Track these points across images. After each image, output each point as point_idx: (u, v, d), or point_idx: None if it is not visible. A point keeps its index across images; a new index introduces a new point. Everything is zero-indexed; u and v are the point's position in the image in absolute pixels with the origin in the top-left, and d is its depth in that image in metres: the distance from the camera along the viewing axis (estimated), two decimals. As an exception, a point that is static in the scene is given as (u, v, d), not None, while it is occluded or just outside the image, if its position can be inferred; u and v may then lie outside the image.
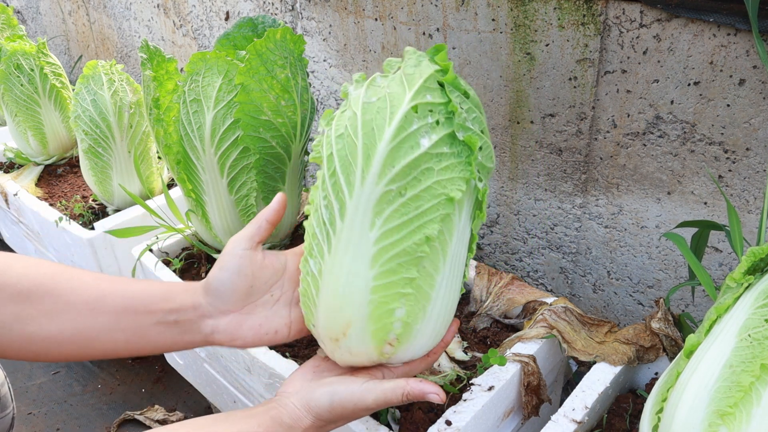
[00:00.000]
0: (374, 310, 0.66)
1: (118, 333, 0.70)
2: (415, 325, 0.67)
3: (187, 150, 1.04)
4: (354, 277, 0.65)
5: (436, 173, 0.62)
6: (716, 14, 0.91)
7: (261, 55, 0.96)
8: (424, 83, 0.63)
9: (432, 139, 0.62)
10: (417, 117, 0.62)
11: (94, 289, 0.70)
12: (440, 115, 0.63)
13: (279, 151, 1.04)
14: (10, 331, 0.68)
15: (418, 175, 0.62)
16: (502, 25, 1.16)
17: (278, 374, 0.91)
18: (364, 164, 0.62)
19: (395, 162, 0.61)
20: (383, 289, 0.65)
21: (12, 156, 1.83)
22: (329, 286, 0.67)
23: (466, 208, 0.67)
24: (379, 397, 0.67)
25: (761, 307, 0.63)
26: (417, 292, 0.66)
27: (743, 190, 1.01)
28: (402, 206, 0.63)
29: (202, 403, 1.54)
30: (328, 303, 0.67)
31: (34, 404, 1.58)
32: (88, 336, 0.70)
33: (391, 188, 0.62)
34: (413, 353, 0.71)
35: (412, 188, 0.62)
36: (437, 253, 0.66)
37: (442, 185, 0.63)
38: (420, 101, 0.62)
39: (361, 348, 0.68)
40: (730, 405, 0.58)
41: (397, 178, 0.62)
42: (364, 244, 0.64)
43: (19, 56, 1.62)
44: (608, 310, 1.30)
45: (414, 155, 0.61)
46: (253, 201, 1.06)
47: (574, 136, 1.17)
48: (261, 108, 0.98)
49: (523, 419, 0.93)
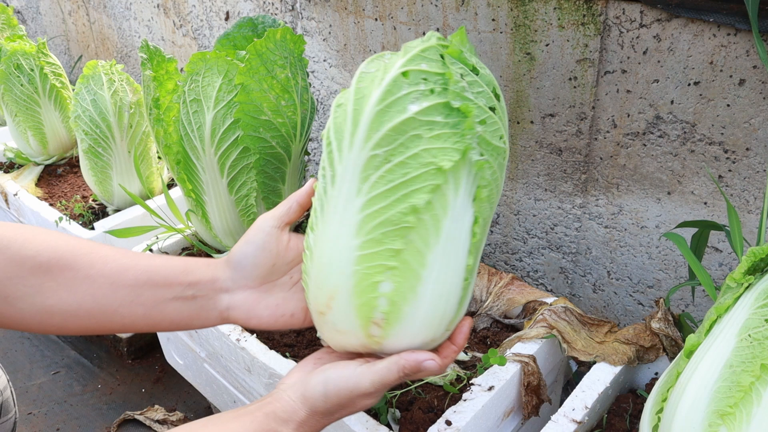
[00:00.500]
0: (358, 282, 0.63)
1: (138, 307, 0.70)
2: (403, 306, 0.63)
3: (187, 150, 1.04)
4: (339, 245, 0.63)
5: (426, 141, 0.60)
6: (716, 14, 0.91)
7: (261, 55, 0.96)
8: (420, 52, 0.60)
9: (422, 105, 0.59)
10: (407, 83, 0.59)
11: (114, 263, 0.70)
12: (436, 85, 0.60)
13: (279, 151, 1.04)
14: (31, 304, 0.68)
15: (405, 141, 0.60)
16: (502, 25, 1.16)
17: (278, 374, 0.91)
18: (352, 129, 0.61)
19: (381, 126, 0.59)
20: (367, 260, 0.62)
21: (12, 156, 1.83)
22: (317, 255, 0.65)
23: (464, 185, 0.63)
24: (375, 378, 0.63)
25: (761, 307, 0.63)
26: (404, 268, 0.62)
27: (743, 190, 1.01)
28: (388, 172, 0.60)
29: (202, 403, 1.54)
30: (316, 273, 0.66)
31: (34, 404, 1.58)
32: (108, 309, 0.70)
33: (377, 153, 0.60)
34: (406, 341, 0.66)
35: (398, 154, 0.60)
36: (426, 227, 0.62)
37: (432, 154, 0.60)
38: (412, 68, 0.60)
39: (347, 324, 0.65)
40: (731, 405, 0.58)
41: (383, 142, 0.60)
42: (350, 211, 0.62)
43: (19, 56, 1.62)
44: (608, 310, 1.30)
45: (400, 119, 0.59)
46: (253, 201, 1.06)
47: (574, 136, 1.17)
48: (261, 108, 0.98)
49: (523, 419, 0.93)
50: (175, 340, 1.25)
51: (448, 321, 0.68)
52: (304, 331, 1.06)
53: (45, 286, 0.68)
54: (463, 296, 0.68)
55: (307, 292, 0.68)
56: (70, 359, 1.73)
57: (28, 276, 0.68)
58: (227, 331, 1.00)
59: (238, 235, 1.12)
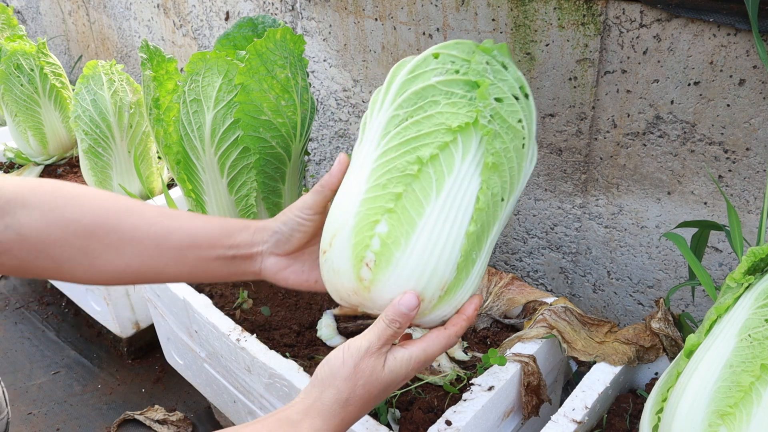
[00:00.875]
0: (358, 222, 0.67)
1: (182, 266, 0.76)
2: (394, 250, 0.66)
3: (187, 150, 1.04)
4: (352, 191, 0.69)
5: (442, 106, 0.66)
6: (716, 14, 0.91)
7: (261, 55, 0.96)
8: (454, 43, 0.68)
9: (444, 78, 0.66)
10: (436, 61, 0.67)
11: (158, 226, 0.75)
12: (461, 67, 0.66)
13: (279, 151, 1.04)
14: (79, 263, 0.72)
15: (424, 105, 0.66)
16: (502, 25, 1.16)
17: (278, 374, 0.91)
18: (383, 96, 0.69)
19: (405, 90, 0.67)
20: (370, 202, 0.67)
21: (12, 156, 1.83)
22: (334, 203, 0.71)
23: (472, 152, 0.66)
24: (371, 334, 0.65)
25: (761, 307, 0.63)
26: (401, 212, 0.66)
27: (743, 190, 1.01)
28: (404, 129, 0.66)
29: (202, 403, 1.54)
30: (329, 217, 0.71)
31: (34, 404, 1.58)
32: (155, 269, 0.75)
33: (398, 113, 0.67)
34: (393, 289, 0.67)
35: (416, 115, 0.66)
36: (429, 180, 0.66)
37: (445, 117, 0.65)
38: (443, 51, 0.67)
39: (341, 263, 0.68)
40: (730, 405, 0.58)
41: (405, 104, 0.67)
42: (368, 162, 0.68)
43: (19, 56, 1.62)
44: (608, 310, 1.30)
45: (422, 85, 0.66)
46: (253, 201, 1.06)
47: (574, 136, 1.17)
48: (261, 108, 0.98)
49: (523, 419, 0.93)
50: (175, 340, 1.25)
51: (440, 280, 0.67)
52: (303, 332, 1.06)
53: (91, 248, 0.72)
54: (464, 263, 0.68)
55: (322, 237, 0.73)
56: (70, 359, 1.73)
57: (73, 238, 0.71)
58: (227, 331, 1.00)
59: (238, 235, 1.12)
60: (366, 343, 0.65)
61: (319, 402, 0.64)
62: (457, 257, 0.67)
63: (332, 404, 0.64)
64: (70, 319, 1.87)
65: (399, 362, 0.66)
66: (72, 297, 1.74)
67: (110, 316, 1.57)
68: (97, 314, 1.64)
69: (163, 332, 1.30)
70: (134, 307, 1.59)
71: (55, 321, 1.87)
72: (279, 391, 0.94)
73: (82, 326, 1.84)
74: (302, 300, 1.12)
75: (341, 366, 0.65)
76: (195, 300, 1.07)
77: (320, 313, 1.09)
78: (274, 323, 1.07)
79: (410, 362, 0.67)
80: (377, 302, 0.68)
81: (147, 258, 0.74)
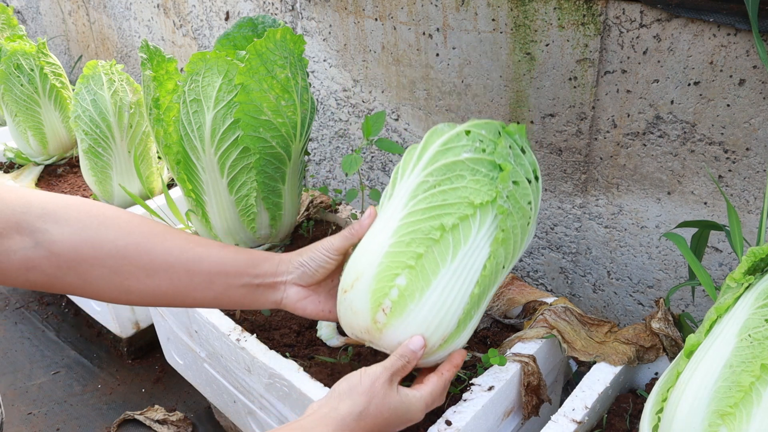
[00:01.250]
0: (380, 271, 0.76)
1: (209, 291, 0.80)
2: (409, 302, 0.75)
3: (187, 150, 1.04)
4: (376, 241, 0.78)
5: (467, 181, 0.76)
6: (716, 14, 0.91)
7: (261, 55, 0.96)
8: (484, 123, 0.78)
9: (472, 156, 0.76)
10: (467, 138, 0.77)
11: (190, 253, 0.78)
12: (488, 147, 0.77)
13: (279, 151, 1.04)
14: (109, 283, 0.74)
15: (452, 177, 0.76)
16: (502, 25, 1.16)
17: (278, 374, 0.91)
18: (416, 161, 0.79)
19: (437, 161, 0.77)
20: (393, 256, 0.76)
21: (12, 156, 1.83)
22: (358, 249, 0.80)
23: (487, 226, 0.77)
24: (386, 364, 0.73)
25: (761, 307, 0.63)
26: (419, 270, 0.75)
27: (743, 190, 1.01)
28: (432, 195, 0.76)
29: (202, 403, 1.54)
30: (352, 260, 0.80)
31: (34, 404, 1.58)
32: (183, 293, 0.79)
33: (428, 179, 0.77)
34: (402, 335, 0.76)
35: (444, 185, 0.76)
36: (447, 246, 0.75)
37: (469, 192, 0.75)
38: (474, 130, 0.77)
39: (360, 304, 0.77)
40: (731, 405, 0.58)
41: (435, 173, 0.77)
42: (394, 219, 0.78)
43: (19, 56, 1.62)
44: (608, 310, 1.30)
45: (453, 159, 0.76)
46: (253, 201, 1.06)
47: (574, 136, 1.17)
48: (261, 108, 0.98)
49: (523, 419, 0.93)
50: (175, 340, 1.25)
51: (443, 332, 0.77)
52: (303, 331, 1.06)
53: (123, 269, 0.74)
54: (464, 319, 0.78)
55: (342, 276, 0.81)
56: (70, 359, 1.73)
57: (106, 258, 0.73)
58: (227, 331, 1.00)
59: (238, 235, 1.12)
60: (381, 369, 0.73)
61: (335, 412, 0.69)
62: (460, 314, 0.77)
63: (346, 416, 0.69)
64: (70, 319, 1.87)
65: (411, 396, 0.74)
66: (72, 297, 1.74)
67: (110, 316, 1.57)
68: (97, 314, 1.64)
69: (163, 332, 1.30)
70: (134, 307, 1.59)
71: (55, 321, 1.87)
72: (279, 391, 0.94)
73: (82, 326, 1.84)
74: (302, 300, 1.12)
75: (359, 383, 0.71)
76: (195, 300, 1.07)
77: (320, 313, 1.09)
78: (274, 323, 1.07)
79: (420, 400, 0.75)
80: (386, 342, 0.78)
81: (177, 281, 0.77)
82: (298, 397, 0.90)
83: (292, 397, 0.91)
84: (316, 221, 1.31)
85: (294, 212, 1.16)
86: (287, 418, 0.96)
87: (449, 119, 1.35)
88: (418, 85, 1.38)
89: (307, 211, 1.29)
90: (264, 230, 1.12)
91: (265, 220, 1.11)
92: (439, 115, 1.37)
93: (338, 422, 0.68)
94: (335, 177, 1.77)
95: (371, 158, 1.60)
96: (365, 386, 0.71)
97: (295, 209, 1.16)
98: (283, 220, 1.13)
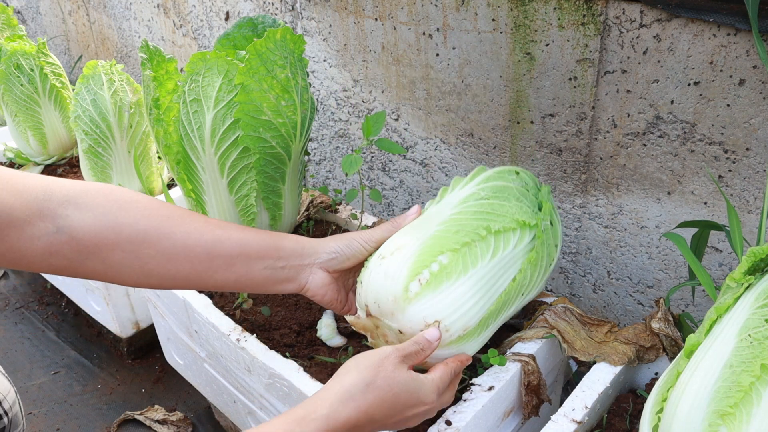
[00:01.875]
0: (425, 247, 0.80)
1: (230, 274, 0.80)
2: (445, 280, 0.78)
3: (187, 150, 1.04)
4: (425, 225, 0.84)
5: (514, 204, 0.87)
6: (716, 14, 0.91)
7: (261, 55, 0.96)
8: (529, 173, 0.96)
9: (520, 187, 0.91)
10: (517, 176, 0.93)
11: (209, 235, 0.78)
12: (531, 189, 0.93)
13: (279, 151, 1.04)
14: (130, 267, 0.75)
15: (501, 196, 0.88)
16: (502, 25, 1.16)
17: (278, 374, 0.91)
18: (469, 180, 0.92)
19: (490, 180, 0.90)
20: (439, 239, 0.81)
21: (12, 156, 1.83)
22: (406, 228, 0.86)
23: (523, 244, 0.86)
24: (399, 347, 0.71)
25: (761, 307, 0.63)
26: (461, 255, 0.80)
27: (743, 190, 1.01)
28: (481, 204, 0.86)
29: (202, 403, 1.54)
30: (395, 236, 0.85)
31: (34, 404, 1.58)
32: (203, 276, 0.79)
33: (480, 192, 0.88)
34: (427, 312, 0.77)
35: (494, 199, 0.87)
36: (489, 246, 0.82)
37: (514, 210, 0.86)
38: (522, 172, 0.94)
39: (397, 270, 0.79)
40: (731, 405, 0.58)
41: (487, 189, 0.89)
42: (442, 214, 0.85)
43: (19, 56, 1.62)
44: (608, 310, 1.30)
45: (503, 184, 0.90)
46: (253, 201, 1.06)
47: (574, 136, 1.17)
48: (261, 108, 0.98)
49: (523, 419, 0.93)
50: (175, 340, 1.25)
51: (465, 325, 0.79)
52: (303, 331, 1.06)
53: (144, 252, 0.74)
54: (485, 321, 0.82)
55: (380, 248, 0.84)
56: (70, 359, 1.73)
57: (126, 243, 0.73)
58: (227, 331, 1.00)
59: (238, 235, 1.12)
60: (391, 348, 0.72)
61: (339, 385, 0.67)
62: (483, 313, 0.81)
63: (351, 387, 0.66)
64: (70, 319, 1.87)
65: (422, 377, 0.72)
66: (72, 297, 1.74)
67: (110, 316, 1.57)
68: (97, 314, 1.64)
69: (163, 332, 1.30)
70: (134, 307, 1.59)
71: (55, 321, 1.87)
72: (279, 391, 0.94)
73: (82, 326, 1.84)
74: (302, 300, 1.12)
75: (365, 357, 0.70)
76: (195, 300, 1.07)
77: (320, 313, 1.09)
78: (274, 323, 1.07)
79: (432, 383, 0.73)
80: (407, 317, 0.78)
81: (197, 264, 0.78)
82: (298, 397, 0.90)
83: (292, 397, 0.91)
84: (316, 221, 1.31)
85: (294, 212, 1.16)
86: (287, 418, 0.96)
87: (449, 119, 1.36)
88: (418, 85, 1.38)
89: (307, 211, 1.29)
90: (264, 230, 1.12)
91: (265, 220, 1.11)
92: (439, 115, 1.37)
93: (342, 393, 0.66)
94: (335, 177, 1.77)
95: (371, 158, 1.60)
96: (374, 360, 0.69)
97: (295, 209, 1.16)
98: (283, 220, 1.13)
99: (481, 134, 1.32)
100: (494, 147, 1.31)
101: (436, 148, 1.43)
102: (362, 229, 0.93)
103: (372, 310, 0.82)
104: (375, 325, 0.83)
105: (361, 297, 0.83)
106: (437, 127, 1.40)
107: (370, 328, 0.84)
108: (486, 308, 0.81)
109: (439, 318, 0.77)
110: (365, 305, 0.82)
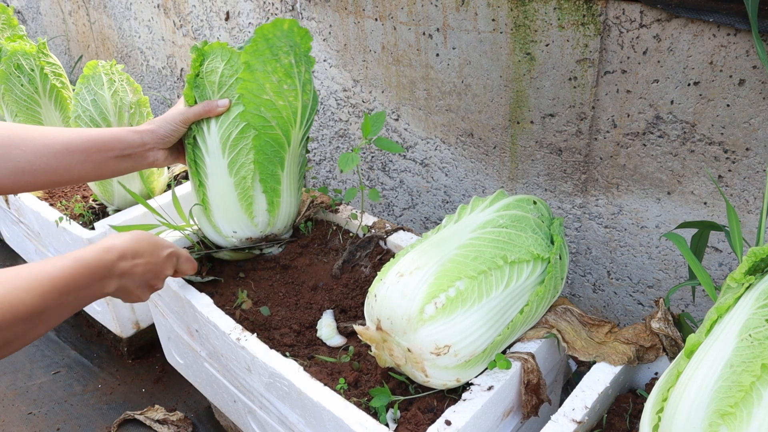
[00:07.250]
0: (444, 270, 0.83)
1: (89, 164, 0.98)
2: (460, 307, 0.81)
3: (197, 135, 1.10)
4: (447, 244, 0.88)
5: (530, 234, 0.92)
6: (716, 14, 0.92)
7: (267, 39, 1.01)
8: (545, 204, 1.02)
9: (537, 218, 0.95)
10: (534, 206, 0.98)
11: (63, 135, 0.96)
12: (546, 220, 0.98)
13: (278, 134, 1.06)
14: (4, 167, 0.90)
15: (518, 226, 0.92)
16: (502, 25, 1.17)
17: (278, 373, 0.91)
18: (489, 204, 0.97)
19: (509, 208, 0.95)
20: (458, 263, 0.84)
21: (12, 156, 1.83)
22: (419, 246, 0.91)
23: (534, 276, 0.90)
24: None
25: (762, 307, 0.63)
26: (478, 283, 0.83)
27: (743, 190, 1.01)
28: (500, 232, 0.90)
29: (203, 402, 1.54)
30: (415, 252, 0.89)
31: (34, 404, 1.58)
32: (66, 166, 0.95)
33: (499, 219, 0.92)
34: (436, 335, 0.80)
35: (512, 228, 0.91)
36: (504, 276, 0.86)
37: (530, 242, 0.91)
38: (539, 202, 1.00)
39: (414, 291, 0.82)
40: (731, 405, 0.58)
41: (506, 216, 0.93)
42: (462, 237, 0.89)
43: (19, 56, 1.62)
44: (608, 310, 1.30)
45: (522, 213, 0.95)
46: (250, 183, 1.08)
47: (574, 136, 1.17)
48: (263, 87, 1.03)
49: (522, 419, 0.93)
50: (176, 340, 1.25)
51: (471, 351, 0.82)
52: (303, 331, 1.06)
53: (12, 153, 0.91)
54: (489, 350, 0.85)
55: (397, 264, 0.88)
56: (70, 359, 1.73)
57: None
58: (228, 330, 1.00)
59: (236, 224, 1.12)
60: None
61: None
62: (490, 342, 0.84)
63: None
64: (70, 319, 1.87)
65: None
66: (72, 297, 1.73)
67: (110, 316, 1.57)
68: (97, 314, 1.64)
69: (164, 331, 1.30)
70: (134, 307, 1.59)
71: (55, 321, 1.87)
72: (279, 391, 0.94)
73: (82, 326, 1.84)
74: (302, 300, 1.12)
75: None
76: (196, 299, 1.07)
77: (320, 313, 1.09)
78: (274, 323, 1.07)
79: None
80: (418, 338, 0.80)
81: (61, 158, 0.94)
82: (298, 397, 0.90)
83: (292, 397, 0.91)
84: (316, 221, 1.31)
85: (293, 203, 1.16)
86: (287, 417, 0.96)
87: (449, 119, 1.36)
88: (418, 85, 1.38)
89: (308, 210, 1.29)
90: (261, 216, 1.13)
91: (262, 205, 1.11)
92: (439, 115, 1.37)
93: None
94: (335, 177, 1.77)
95: (371, 158, 1.60)
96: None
97: (294, 201, 1.16)
98: (281, 207, 1.14)
99: (481, 134, 1.32)
100: (494, 147, 1.31)
101: (436, 148, 1.43)
102: (186, 108, 1.06)
103: (384, 325, 0.84)
104: (383, 339, 0.85)
105: (374, 310, 0.85)
106: (437, 127, 1.40)
107: (377, 340, 0.86)
108: (493, 338, 0.84)
109: (450, 343, 0.80)
110: (377, 319, 0.84)
